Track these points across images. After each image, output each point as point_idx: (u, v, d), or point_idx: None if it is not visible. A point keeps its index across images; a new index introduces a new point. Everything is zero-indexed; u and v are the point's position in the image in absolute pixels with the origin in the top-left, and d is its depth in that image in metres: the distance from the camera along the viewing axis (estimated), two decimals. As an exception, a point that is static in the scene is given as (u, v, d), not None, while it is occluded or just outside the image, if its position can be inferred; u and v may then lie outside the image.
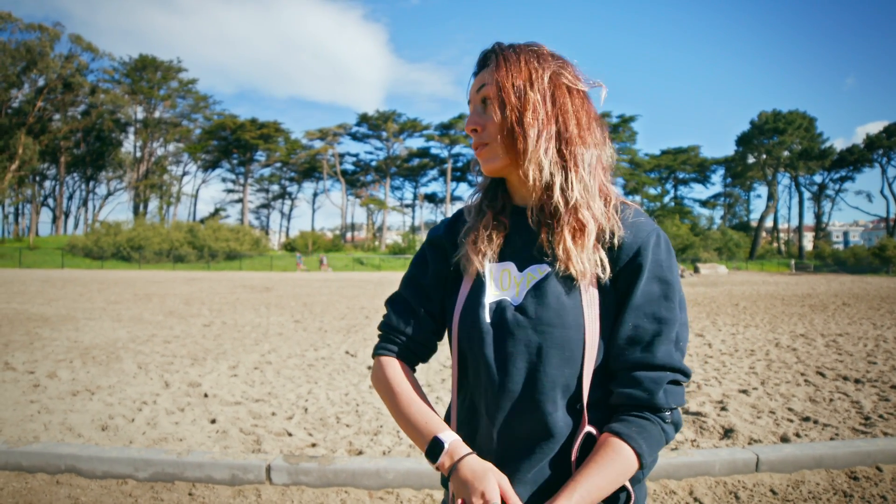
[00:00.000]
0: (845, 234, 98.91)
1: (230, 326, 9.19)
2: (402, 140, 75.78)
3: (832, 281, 30.51)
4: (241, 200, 75.91)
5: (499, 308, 0.97)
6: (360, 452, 3.48)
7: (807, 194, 70.00)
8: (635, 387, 0.91)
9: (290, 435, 3.81)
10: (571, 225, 0.94)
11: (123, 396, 4.66)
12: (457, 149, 75.40)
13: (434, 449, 0.92)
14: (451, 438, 0.92)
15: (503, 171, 1.01)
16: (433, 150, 76.87)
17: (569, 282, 0.94)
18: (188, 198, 74.91)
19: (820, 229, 71.24)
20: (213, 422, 4.06)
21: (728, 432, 3.88)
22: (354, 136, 76.10)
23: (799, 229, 69.64)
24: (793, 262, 55.05)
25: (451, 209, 78.84)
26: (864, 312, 12.09)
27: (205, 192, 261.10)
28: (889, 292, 19.52)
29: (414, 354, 1.08)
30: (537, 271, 0.97)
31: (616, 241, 0.94)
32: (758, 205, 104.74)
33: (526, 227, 1.01)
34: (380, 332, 1.10)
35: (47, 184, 65.98)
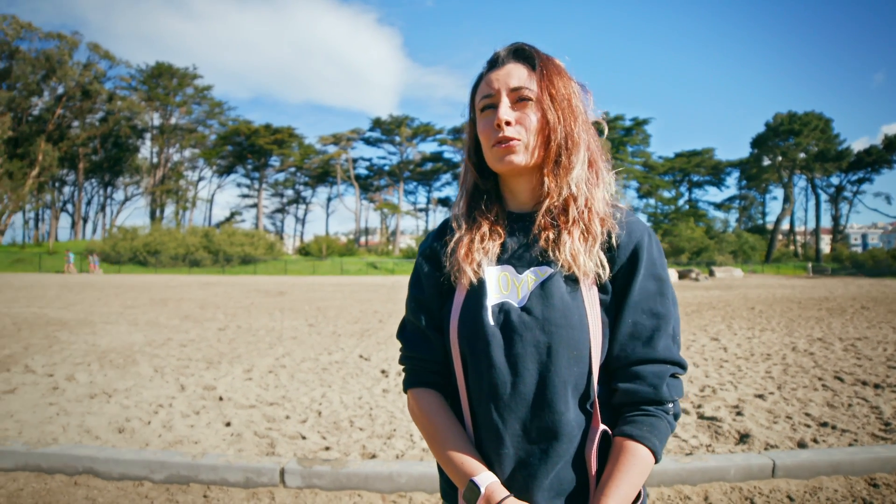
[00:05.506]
0: (863, 236, 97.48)
1: (244, 330, 9.27)
2: (415, 144, 75.91)
3: (850, 284, 30.01)
4: (255, 205, 76.53)
5: (502, 310, 0.96)
6: (374, 456, 3.49)
7: (824, 196, 68.78)
8: (639, 382, 0.93)
9: (303, 438, 3.83)
10: (581, 228, 0.97)
11: (140, 399, 4.72)
12: (470, 153, 74.96)
13: (470, 493, 0.90)
14: (487, 481, 0.90)
15: (523, 171, 1.02)
16: (446, 155, 76.85)
17: (572, 282, 0.95)
18: (204, 203, 75.78)
19: (837, 232, 70.10)
20: (228, 425, 4.10)
21: (744, 437, 3.83)
22: (368, 141, 76.43)
23: (816, 232, 68.57)
24: (810, 265, 54.28)
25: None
26: (883, 316, 11.88)
27: (220, 197, 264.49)
28: (909, 296, 19.18)
29: (441, 377, 1.05)
30: (538, 273, 0.97)
31: (613, 240, 0.97)
32: (773, 207, 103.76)
33: (522, 231, 1.03)
34: (402, 366, 1.09)
35: (66, 189, 67.20)
